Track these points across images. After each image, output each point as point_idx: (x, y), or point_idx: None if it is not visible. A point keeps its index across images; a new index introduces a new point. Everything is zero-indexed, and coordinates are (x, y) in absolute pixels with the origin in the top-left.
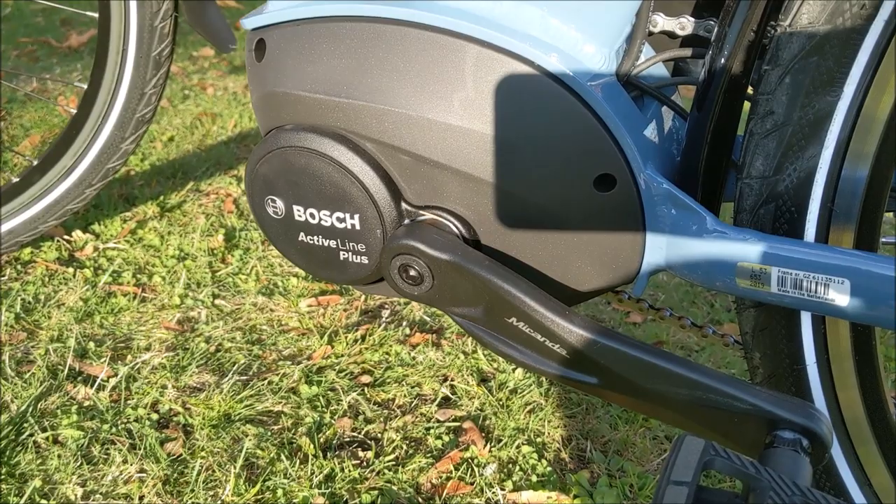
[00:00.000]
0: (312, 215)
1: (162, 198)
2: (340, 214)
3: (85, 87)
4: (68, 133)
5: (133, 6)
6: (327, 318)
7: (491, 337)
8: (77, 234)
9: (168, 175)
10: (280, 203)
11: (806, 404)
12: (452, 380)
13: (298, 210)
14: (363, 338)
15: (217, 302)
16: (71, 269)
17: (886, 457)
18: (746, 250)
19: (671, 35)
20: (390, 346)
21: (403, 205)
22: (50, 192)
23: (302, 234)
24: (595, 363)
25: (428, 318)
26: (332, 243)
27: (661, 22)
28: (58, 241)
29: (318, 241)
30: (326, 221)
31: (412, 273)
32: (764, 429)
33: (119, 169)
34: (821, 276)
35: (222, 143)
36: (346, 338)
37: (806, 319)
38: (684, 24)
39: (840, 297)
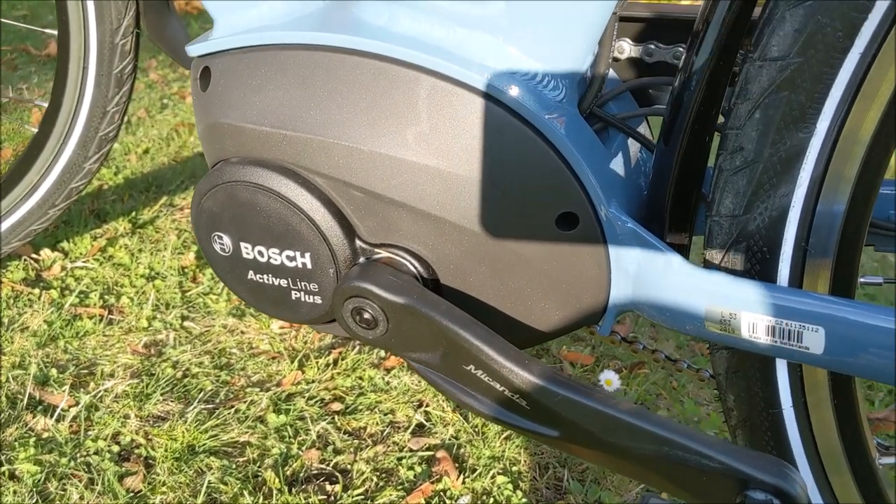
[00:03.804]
0: (261, 253)
1: (134, 213)
2: (290, 252)
3: (46, 105)
4: (30, 152)
5: (92, 23)
6: (299, 340)
7: (449, 384)
8: (45, 253)
9: (141, 189)
10: (227, 240)
11: (779, 462)
12: (427, 405)
13: (246, 247)
14: (335, 362)
15: (186, 324)
16: (37, 290)
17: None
18: (715, 294)
19: (639, 62)
20: (364, 370)
21: (358, 242)
22: (12, 212)
23: (251, 272)
24: (556, 415)
25: None
26: (283, 282)
27: (628, 48)
28: (25, 260)
29: (268, 279)
30: (276, 260)
31: (366, 316)
32: (735, 488)
33: (83, 189)
34: (794, 323)
35: (198, 155)
36: (317, 362)
37: (781, 362)
38: (651, 51)
39: (814, 345)
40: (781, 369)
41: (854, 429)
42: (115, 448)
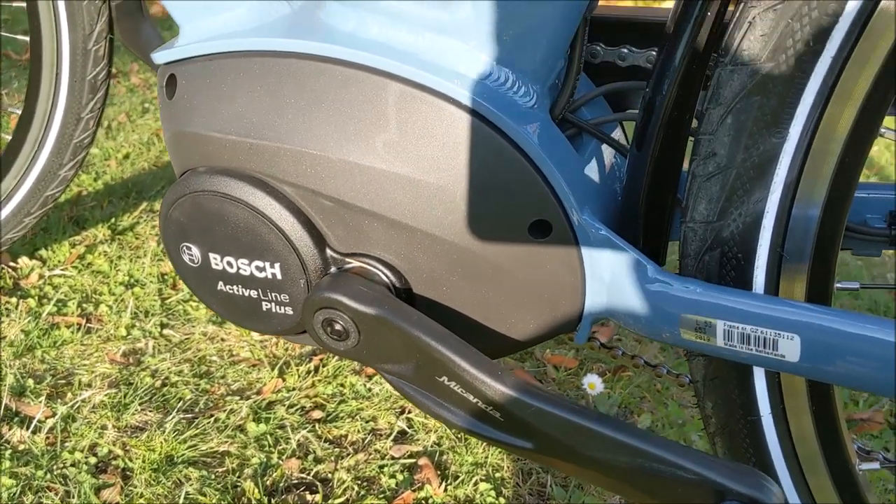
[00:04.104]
0: (230, 264)
1: (113, 220)
2: (260, 263)
3: (19, 112)
4: (4, 159)
5: (65, 29)
6: (280, 347)
7: (422, 396)
8: (23, 261)
9: (121, 195)
10: (196, 251)
11: (755, 473)
12: (409, 412)
13: (215, 258)
14: (316, 369)
15: (165, 332)
16: (14, 299)
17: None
18: (689, 301)
19: (612, 66)
20: (345, 377)
21: (328, 252)
22: None
23: (221, 283)
24: (529, 427)
25: None
26: (254, 293)
27: (602, 52)
28: (2, 268)
29: (238, 290)
30: (245, 271)
31: (337, 327)
32: (711, 499)
33: (59, 196)
34: (769, 331)
35: None
36: (298, 370)
37: (759, 369)
38: (625, 55)
39: (790, 353)
40: (759, 376)
41: (833, 435)
42: (93, 460)
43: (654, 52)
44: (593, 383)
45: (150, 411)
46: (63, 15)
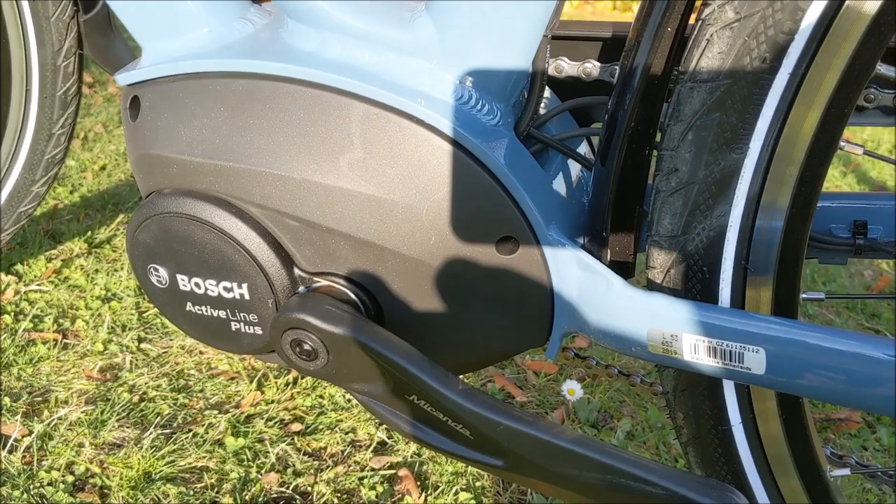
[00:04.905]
0: (198, 285)
1: (90, 233)
2: (227, 284)
3: None
4: None
5: (33, 45)
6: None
7: (394, 415)
8: None
9: (98, 207)
10: (163, 272)
11: (723, 486)
12: None
13: (183, 279)
14: (295, 381)
15: (143, 346)
16: None
17: None
18: (655, 316)
19: (578, 81)
20: (324, 388)
21: (296, 271)
22: None
23: (189, 304)
24: (499, 445)
25: None
26: (222, 314)
27: (566, 67)
28: None
29: (206, 311)
30: (213, 291)
31: (306, 348)
32: None
33: (32, 213)
34: (734, 345)
35: None
36: (276, 382)
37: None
38: (589, 70)
39: (756, 366)
40: (728, 387)
41: (804, 444)
42: (70, 478)
43: (616, 67)
44: (573, 389)
45: (128, 427)
46: (31, 31)
